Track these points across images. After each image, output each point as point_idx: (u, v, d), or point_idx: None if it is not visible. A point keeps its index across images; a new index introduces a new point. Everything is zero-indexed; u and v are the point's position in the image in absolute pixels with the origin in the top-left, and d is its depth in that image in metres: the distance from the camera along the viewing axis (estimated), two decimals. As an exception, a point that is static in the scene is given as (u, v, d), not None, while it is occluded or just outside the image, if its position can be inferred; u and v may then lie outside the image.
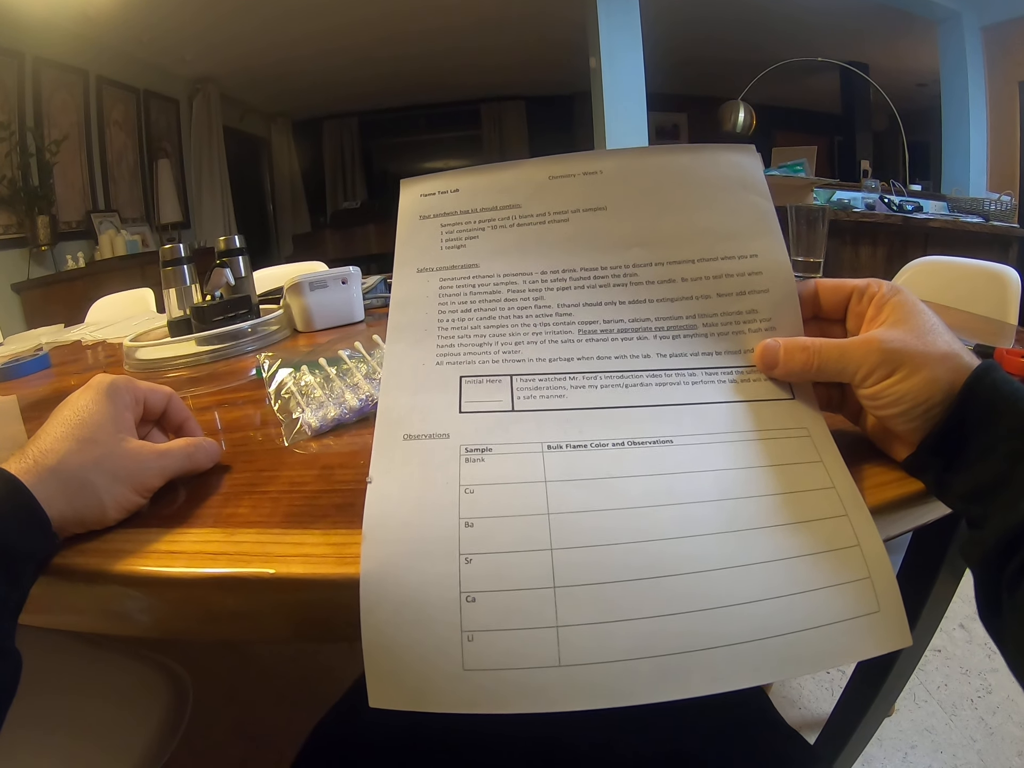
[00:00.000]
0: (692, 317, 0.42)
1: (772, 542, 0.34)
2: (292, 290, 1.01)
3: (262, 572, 0.35)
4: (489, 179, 0.48)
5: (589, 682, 0.30)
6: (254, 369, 0.77)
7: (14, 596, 0.33)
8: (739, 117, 4.17)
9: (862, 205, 3.90)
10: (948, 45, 4.88)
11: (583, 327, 0.42)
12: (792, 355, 0.39)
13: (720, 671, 0.30)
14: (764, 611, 0.31)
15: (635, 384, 0.40)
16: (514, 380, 0.41)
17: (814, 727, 1.26)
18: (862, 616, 0.32)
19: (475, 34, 5.36)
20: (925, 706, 1.31)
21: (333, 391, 0.58)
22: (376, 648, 0.31)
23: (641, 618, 0.31)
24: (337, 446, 0.52)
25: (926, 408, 0.36)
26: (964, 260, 1.34)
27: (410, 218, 0.48)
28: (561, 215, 0.46)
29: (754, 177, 0.45)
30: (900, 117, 4.39)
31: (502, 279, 0.44)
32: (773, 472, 0.37)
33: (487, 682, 0.30)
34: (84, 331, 1.44)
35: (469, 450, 0.37)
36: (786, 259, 0.43)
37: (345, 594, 0.32)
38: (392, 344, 0.43)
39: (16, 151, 3.74)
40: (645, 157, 0.47)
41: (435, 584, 0.32)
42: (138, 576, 0.37)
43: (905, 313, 0.38)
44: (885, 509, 0.38)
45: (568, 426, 0.38)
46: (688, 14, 4.90)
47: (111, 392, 0.43)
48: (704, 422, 0.39)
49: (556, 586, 0.32)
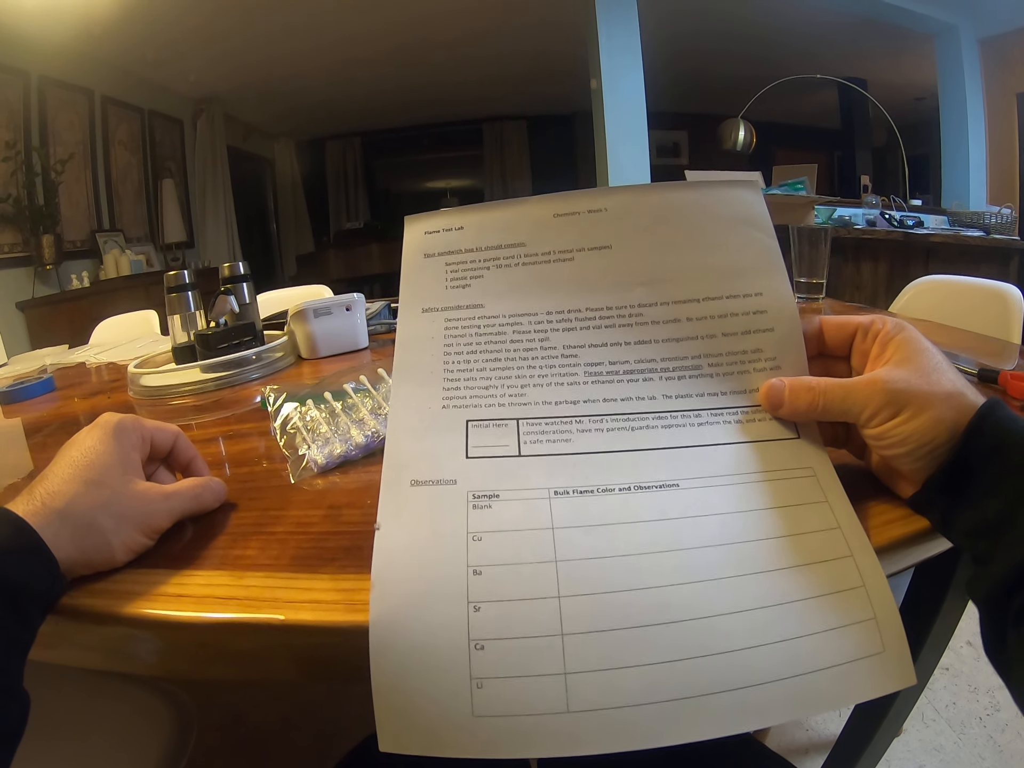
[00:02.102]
0: (697, 357, 0.43)
1: (778, 586, 0.34)
2: (296, 317, 1.01)
3: (272, 618, 0.35)
4: (493, 217, 0.48)
5: (598, 727, 0.30)
6: (258, 397, 0.77)
7: (23, 637, 0.33)
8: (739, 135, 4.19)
9: (863, 221, 3.91)
10: (945, 58, 4.90)
11: (589, 369, 0.43)
12: (797, 395, 0.40)
13: (727, 715, 0.30)
14: (770, 655, 0.31)
15: (641, 427, 0.40)
16: (520, 424, 0.41)
17: (822, 749, 1.25)
18: (867, 657, 0.32)
19: (477, 55, 5.41)
20: (934, 725, 1.29)
21: (339, 427, 0.58)
22: (386, 694, 0.31)
23: (649, 664, 0.31)
24: (343, 483, 0.52)
25: (931, 448, 0.36)
26: (966, 279, 1.35)
27: (415, 256, 0.48)
28: (566, 254, 0.46)
29: (758, 213, 0.46)
30: (899, 131, 4.41)
31: (507, 320, 0.45)
32: (778, 514, 0.37)
33: (496, 728, 0.30)
34: (89, 353, 1.45)
35: (476, 496, 0.37)
36: (791, 297, 0.43)
37: (354, 640, 0.32)
38: (398, 386, 0.44)
39: (21, 170, 3.75)
40: (649, 194, 0.47)
41: (444, 632, 0.32)
42: (146, 619, 0.37)
43: (910, 351, 0.38)
44: (890, 547, 0.38)
45: (575, 471, 0.39)
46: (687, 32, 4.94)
47: (118, 432, 0.43)
48: (710, 464, 0.39)
49: (564, 633, 0.32)
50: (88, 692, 0.74)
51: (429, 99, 6.47)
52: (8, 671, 0.32)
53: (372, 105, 6.56)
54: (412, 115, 7.02)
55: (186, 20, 4.11)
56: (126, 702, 0.74)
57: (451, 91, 6.31)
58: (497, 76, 6.02)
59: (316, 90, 5.90)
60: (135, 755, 0.67)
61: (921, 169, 5.42)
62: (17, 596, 0.33)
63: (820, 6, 4.56)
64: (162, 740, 0.69)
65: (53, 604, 0.37)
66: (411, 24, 4.68)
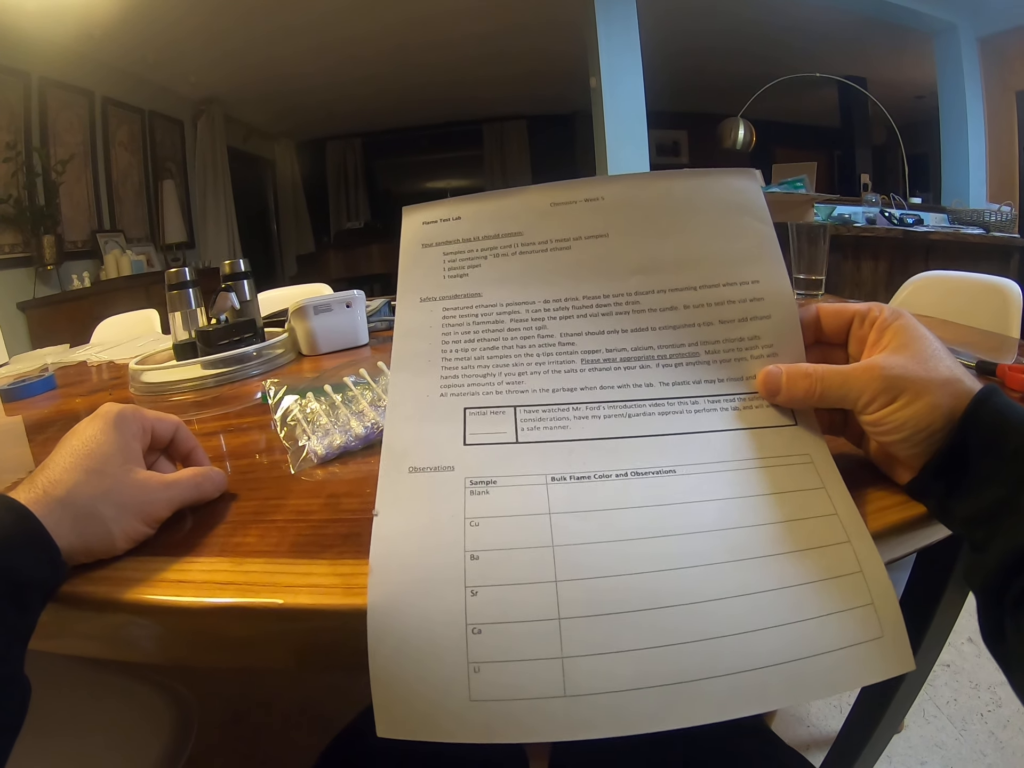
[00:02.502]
0: (694, 344, 0.43)
1: (775, 571, 0.34)
2: (297, 314, 1.01)
3: (271, 602, 0.35)
4: (491, 206, 0.48)
5: (595, 711, 0.30)
6: (259, 393, 0.77)
7: (23, 624, 0.34)
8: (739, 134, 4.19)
9: (863, 219, 3.91)
10: (945, 57, 4.89)
11: (586, 356, 0.43)
12: (794, 382, 0.40)
13: (725, 699, 0.30)
14: (768, 639, 0.31)
15: (638, 414, 0.41)
16: (518, 411, 0.41)
17: (823, 745, 1.25)
18: (865, 642, 0.32)
19: (477, 55, 5.40)
20: (935, 721, 1.29)
21: (339, 419, 0.58)
22: (383, 678, 0.31)
23: (646, 648, 0.31)
24: (343, 474, 0.52)
25: (928, 434, 0.36)
26: (965, 274, 1.35)
27: (413, 246, 0.48)
28: (563, 243, 0.46)
29: (755, 202, 0.46)
30: (899, 130, 4.41)
31: (505, 308, 0.45)
32: (775, 500, 0.37)
33: (494, 712, 0.30)
34: (90, 352, 1.45)
35: (474, 483, 0.38)
36: (787, 284, 0.44)
37: (352, 624, 0.33)
38: (396, 374, 0.44)
39: (22, 170, 3.75)
40: (647, 183, 0.47)
41: (441, 616, 0.32)
42: (147, 605, 0.37)
43: (907, 338, 0.39)
44: (888, 533, 0.38)
45: (571, 457, 0.39)
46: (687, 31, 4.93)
47: (119, 422, 0.43)
48: (707, 451, 0.39)
49: (561, 617, 0.32)
50: (88, 689, 0.74)
51: (429, 99, 6.46)
52: (9, 659, 0.32)
53: (372, 106, 6.56)
54: (412, 115, 7.01)
55: (186, 21, 4.11)
56: (126, 699, 0.74)
57: (451, 91, 6.30)
58: (497, 76, 6.01)
59: (316, 91, 5.90)
60: (135, 752, 0.67)
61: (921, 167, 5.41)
62: (18, 585, 0.33)
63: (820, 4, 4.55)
64: (162, 737, 0.69)
65: (54, 592, 0.37)
66: (411, 25, 4.68)
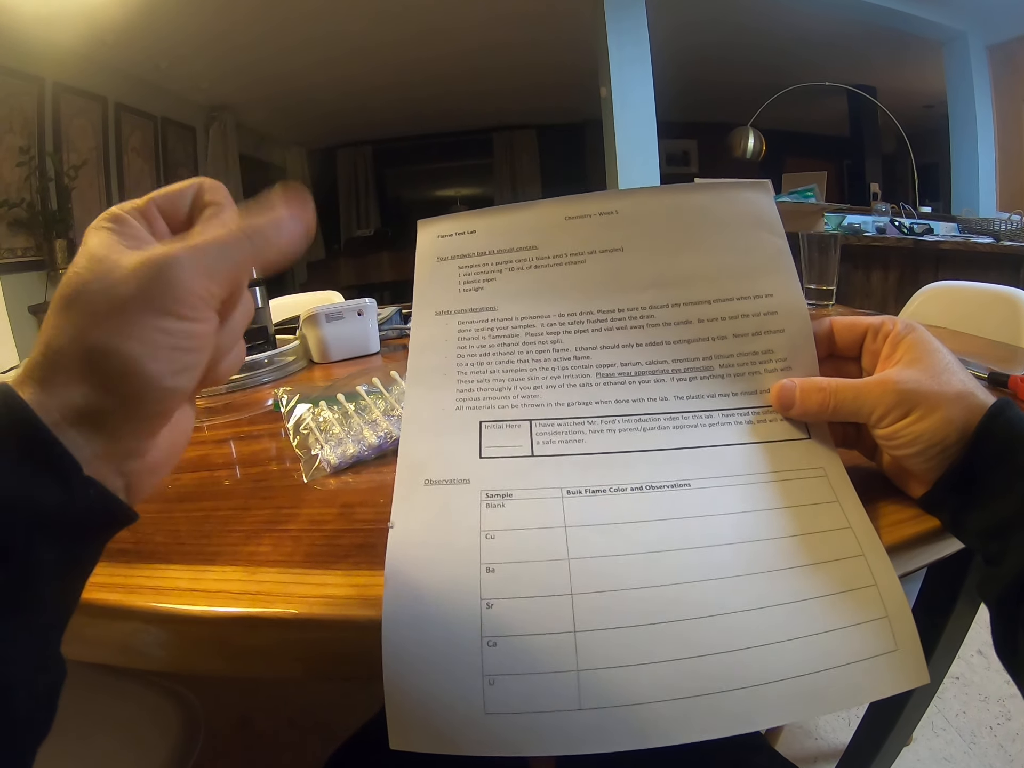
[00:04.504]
0: (709, 358, 0.43)
1: (790, 584, 0.34)
2: (308, 321, 1.01)
3: (285, 612, 0.35)
4: (506, 220, 0.48)
5: (609, 725, 0.30)
6: (271, 400, 0.77)
7: (25, 596, 0.22)
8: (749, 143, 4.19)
9: (873, 229, 3.90)
10: (954, 66, 4.88)
11: (601, 370, 0.43)
12: (808, 395, 0.40)
13: (740, 713, 0.30)
14: (783, 653, 0.31)
15: (653, 427, 0.41)
16: (533, 425, 0.41)
17: (831, 758, 1.24)
18: (880, 655, 0.32)
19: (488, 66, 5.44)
20: (943, 734, 1.28)
21: (352, 427, 0.58)
22: (397, 690, 0.31)
23: (661, 661, 0.31)
24: (356, 483, 0.52)
25: (942, 448, 0.36)
26: (976, 284, 1.34)
27: (428, 260, 0.49)
28: (578, 256, 0.46)
29: (769, 215, 0.46)
30: (908, 139, 4.40)
31: (520, 322, 0.45)
32: (790, 514, 0.37)
33: (508, 725, 0.30)
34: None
35: (490, 495, 0.38)
36: (801, 298, 0.44)
37: (366, 636, 0.33)
38: (412, 387, 0.44)
39: (35, 175, 3.78)
40: (660, 196, 0.47)
41: (457, 628, 0.32)
42: (158, 613, 0.37)
43: (920, 352, 0.39)
44: (901, 547, 0.38)
45: (587, 471, 0.39)
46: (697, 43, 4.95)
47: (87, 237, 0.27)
48: (721, 464, 0.39)
49: (576, 631, 0.32)
50: (95, 691, 0.74)
51: (439, 109, 6.50)
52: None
53: (383, 115, 6.60)
54: (422, 124, 7.05)
55: (199, 29, 4.15)
56: (134, 702, 0.74)
57: (461, 101, 6.34)
58: (507, 87, 6.05)
59: (328, 100, 5.94)
60: (142, 756, 0.67)
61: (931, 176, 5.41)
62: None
63: (828, 14, 4.55)
64: (169, 741, 0.68)
65: (81, 522, 0.24)
66: (423, 36, 4.71)
